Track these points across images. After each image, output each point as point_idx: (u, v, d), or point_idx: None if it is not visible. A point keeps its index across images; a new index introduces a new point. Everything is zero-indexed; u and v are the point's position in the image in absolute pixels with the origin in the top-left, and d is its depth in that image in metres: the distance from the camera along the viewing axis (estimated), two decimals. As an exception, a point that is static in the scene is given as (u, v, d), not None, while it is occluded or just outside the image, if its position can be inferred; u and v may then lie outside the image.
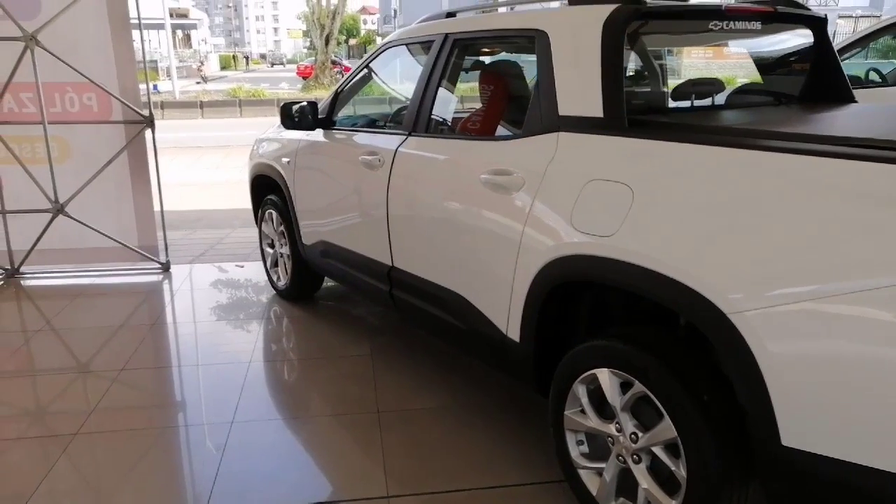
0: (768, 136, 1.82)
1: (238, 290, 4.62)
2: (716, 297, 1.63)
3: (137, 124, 4.56)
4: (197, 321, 4.07)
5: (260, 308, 4.25)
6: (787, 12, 2.53)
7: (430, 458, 2.58)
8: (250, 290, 4.58)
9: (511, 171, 2.27)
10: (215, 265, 5.16)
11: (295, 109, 3.46)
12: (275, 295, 4.41)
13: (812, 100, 2.74)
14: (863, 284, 1.42)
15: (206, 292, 4.59)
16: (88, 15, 4.29)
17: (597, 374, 2.02)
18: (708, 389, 1.80)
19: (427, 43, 2.87)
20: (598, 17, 2.11)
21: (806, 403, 1.53)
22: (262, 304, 4.30)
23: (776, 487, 1.66)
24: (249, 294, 4.52)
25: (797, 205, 1.56)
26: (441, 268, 2.69)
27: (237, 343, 3.77)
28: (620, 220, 1.87)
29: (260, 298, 4.40)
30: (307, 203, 3.64)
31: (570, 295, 2.20)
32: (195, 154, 11.61)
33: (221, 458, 2.59)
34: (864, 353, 1.44)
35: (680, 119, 2.30)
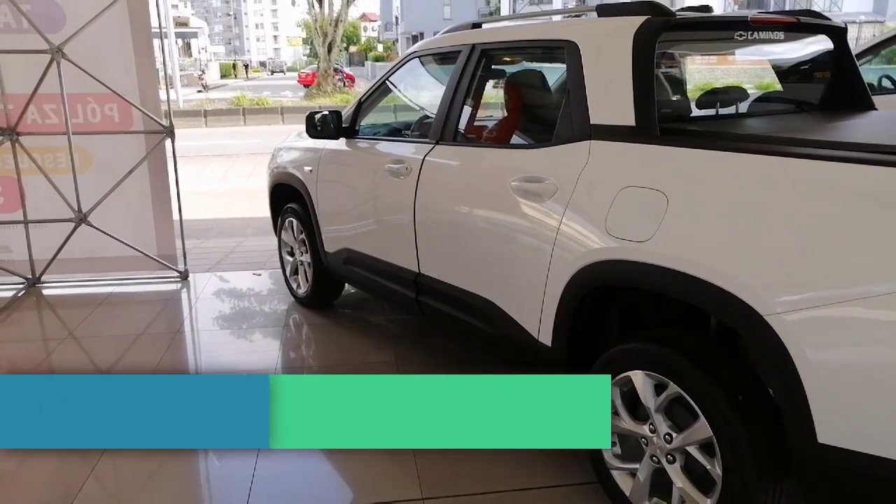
0: (798, 144, 1.88)
1: (257, 298, 4.67)
2: (753, 300, 1.68)
3: (157, 134, 4.62)
4: (218, 329, 4.12)
5: (280, 316, 4.30)
6: (809, 23, 2.59)
7: (462, 461, 2.62)
8: (269, 298, 4.63)
9: (543, 178, 2.33)
10: (232, 273, 5.21)
11: (318, 118, 3.52)
12: (294, 302, 4.45)
13: (833, 107, 2.80)
14: (891, 286, 1.48)
15: (225, 300, 4.64)
16: (112, 26, 4.35)
17: (631, 377, 2.07)
18: (742, 389, 1.86)
19: (453, 53, 2.93)
20: (629, 28, 2.17)
21: (842, 401, 1.59)
22: (281, 312, 4.35)
23: (812, 484, 1.71)
24: (268, 302, 4.57)
25: (829, 209, 1.62)
26: (470, 274, 2.74)
27: (260, 351, 3.82)
28: (656, 225, 1.92)
29: (279, 306, 4.45)
30: (330, 211, 3.69)
31: (601, 299, 2.25)
32: (202, 163, 11.67)
33: (256, 463, 2.63)
34: (894, 350, 1.49)
35: (707, 127, 2.36)
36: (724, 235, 1.78)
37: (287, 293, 4.54)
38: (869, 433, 1.55)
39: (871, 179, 1.59)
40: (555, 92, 2.97)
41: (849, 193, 1.61)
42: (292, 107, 20.65)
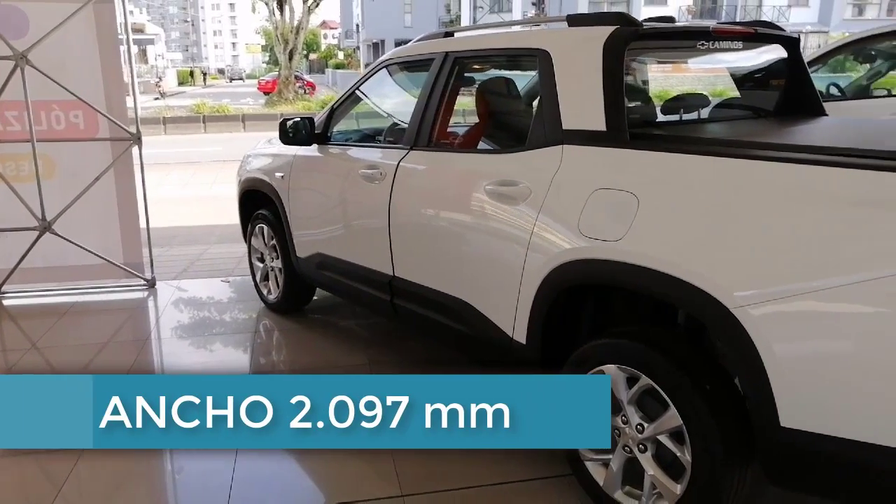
0: (759, 147, 2.00)
1: (226, 305, 4.66)
2: (721, 295, 1.78)
3: (124, 141, 4.58)
4: (188, 336, 4.10)
5: (250, 322, 4.30)
6: (766, 33, 2.74)
7: (439, 459, 2.66)
8: (238, 305, 4.62)
9: (517, 181, 2.41)
10: (200, 281, 5.18)
11: (290, 125, 3.55)
12: (264, 308, 4.45)
13: (787, 113, 2.95)
14: (846, 279, 1.60)
15: (193, 308, 4.61)
16: (77, 32, 4.31)
17: (604, 370, 2.15)
18: (709, 379, 1.96)
19: (427, 61, 3.00)
20: (600, 37, 2.27)
21: (802, 387, 1.70)
22: (251, 318, 4.35)
23: (775, 465, 1.83)
24: (238, 308, 4.56)
25: (788, 208, 1.74)
26: (445, 276, 2.80)
27: (231, 357, 3.82)
28: (627, 225, 2.02)
29: (249, 312, 4.44)
30: (303, 216, 3.72)
31: (574, 298, 2.34)
32: (162, 171, 11.50)
33: (235, 462, 2.64)
34: (851, 340, 1.62)
35: (673, 131, 2.47)
36: (693, 234, 1.89)
37: (257, 299, 4.53)
38: (826, 416, 1.67)
39: (826, 180, 1.71)
40: (526, 98, 3.07)
41: (805, 193, 1.73)
42: (253, 114, 20.47)
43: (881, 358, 1.59)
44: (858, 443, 1.60)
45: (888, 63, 6.15)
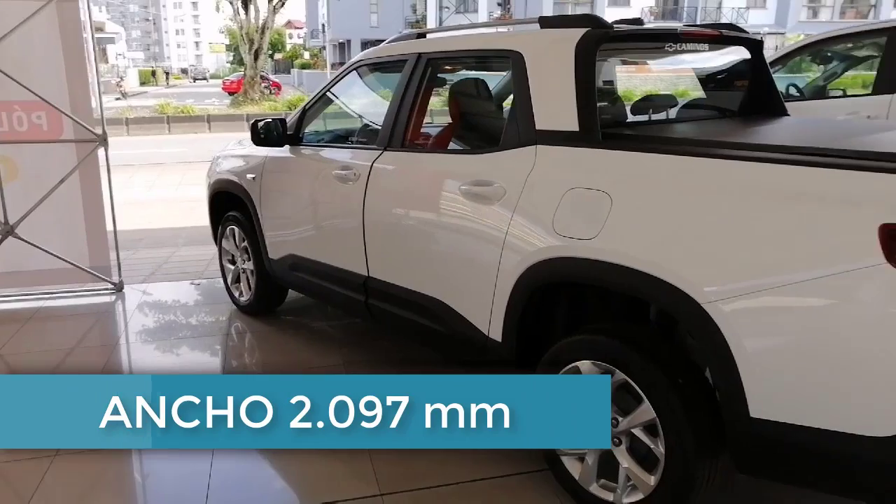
0: (727, 146, 2.06)
1: (196, 308, 4.60)
2: (692, 291, 1.84)
3: (90, 143, 4.50)
4: (158, 340, 4.05)
5: (222, 325, 4.26)
6: (731, 35, 2.82)
7: (416, 456, 2.67)
8: (209, 308, 4.56)
9: (492, 181, 2.44)
10: (169, 284, 5.10)
11: (261, 126, 3.52)
12: (235, 311, 4.41)
13: (751, 113, 3.03)
14: (809, 275, 1.67)
15: (163, 311, 4.55)
16: (40, 31, 4.22)
17: (579, 367, 2.19)
18: (681, 373, 2.02)
19: (400, 62, 3.02)
20: (571, 39, 2.32)
21: (770, 379, 1.76)
22: (223, 321, 4.31)
23: (744, 455, 1.89)
24: (209, 311, 4.51)
25: (754, 206, 1.79)
26: (420, 275, 2.82)
27: (203, 360, 3.78)
28: (601, 223, 2.06)
29: (220, 315, 4.40)
30: (275, 217, 3.70)
31: (549, 296, 2.38)
32: (126, 172, 11.28)
33: (211, 472, 2.62)
34: (814, 332, 1.69)
35: (644, 131, 2.53)
36: (665, 232, 1.94)
37: (228, 302, 4.48)
38: (793, 406, 1.73)
39: (790, 179, 1.78)
40: (497, 99, 3.10)
41: (770, 191, 1.79)
42: (219, 115, 20.20)
43: (841, 349, 1.66)
44: (823, 430, 1.67)
45: (843, 64, 6.36)
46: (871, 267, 1.57)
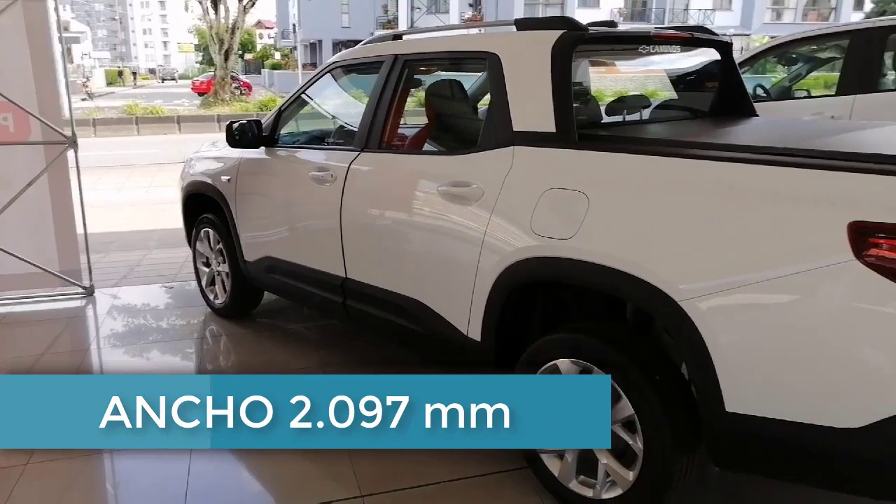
0: (701, 147, 2.10)
1: (170, 312, 4.55)
2: (669, 289, 1.87)
3: (59, 145, 4.42)
4: (131, 345, 3.98)
5: (196, 328, 4.22)
6: (702, 38, 2.87)
7: (394, 458, 2.68)
8: (183, 311, 4.51)
9: (470, 182, 2.45)
10: (141, 287, 5.03)
11: (236, 127, 3.50)
12: (210, 314, 4.36)
13: (721, 114, 3.09)
14: (780, 272, 1.71)
15: (136, 315, 4.48)
16: (6, 31, 4.13)
17: (558, 365, 2.22)
18: (658, 370, 2.06)
19: (376, 63, 3.02)
20: (548, 41, 2.34)
21: (745, 374, 1.81)
22: (197, 324, 4.27)
23: (720, 448, 1.94)
24: (183, 315, 4.46)
25: (727, 205, 1.84)
26: (399, 276, 2.83)
27: (178, 364, 3.74)
28: (579, 223, 2.09)
29: (195, 318, 4.35)
30: (251, 219, 3.68)
31: (527, 295, 2.40)
32: (94, 174, 11.07)
33: (190, 464, 2.59)
34: (785, 328, 1.73)
35: (619, 132, 2.57)
36: (642, 231, 1.97)
37: (202, 305, 4.44)
38: (767, 400, 1.78)
39: (764, 178, 1.82)
40: (472, 100, 3.12)
41: (742, 191, 1.83)
42: (189, 116, 19.95)
43: (813, 344, 1.70)
44: (797, 423, 1.72)
45: (807, 66, 6.51)
46: (841, 264, 1.62)
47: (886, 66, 5.21)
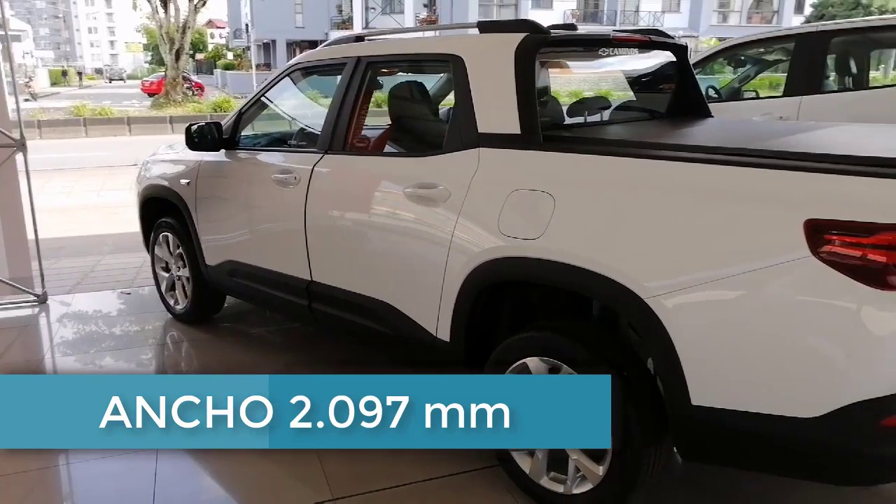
0: (664, 148, 2.16)
1: (128, 318, 4.44)
2: (635, 286, 1.92)
3: (6, 148, 4.28)
4: (89, 354, 3.87)
5: (156, 334, 4.13)
6: (658, 40, 2.94)
7: (364, 459, 2.68)
8: (143, 317, 4.41)
9: (436, 184, 2.47)
10: (97, 294, 4.90)
11: (194, 130, 3.44)
12: (171, 320, 4.28)
13: (677, 115, 3.17)
14: (739, 269, 1.78)
15: (92, 323, 4.37)
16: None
17: (527, 363, 2.25)
18: (626, 366, 2.11)
19: (338, 65, 3.01)
20: (511, 43, 2.37)
21: (710, 367, 1.87)
22: (157, 330, 4.18)
23: (686, 440, 2.00)
24: (142, 321, 4.35)
25: (692, 204, 1.89)
26: (366, 278, 2.82)
27: (139, 372, 3.65)
28: (545, 224, 2.12)
29: (155, 324, 4.26)
30: (212, 223, 3.62)
31: (495, 295, 2.43)
32: (42, 178, 10.72)
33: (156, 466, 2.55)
34: (745, 322, 1.80)
35: (581, 133, 2.61)
36: (608, 231, 2.02)
37: (162, 311, 4.34)
38: (732, 392, 1.84)
39: (724, 178, 1.88)
40: (435, 102, 3.13)
41: (707, 190, 1.89)
42: (140, 117, 19.45)
43: (774, 336, 1.77)
44: (761, 415, 1.78)
45: (755, 68, 6.73)
46: (798, 259, 1.69)
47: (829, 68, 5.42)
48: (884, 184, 1.65)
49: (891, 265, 1.60)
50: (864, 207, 1.64)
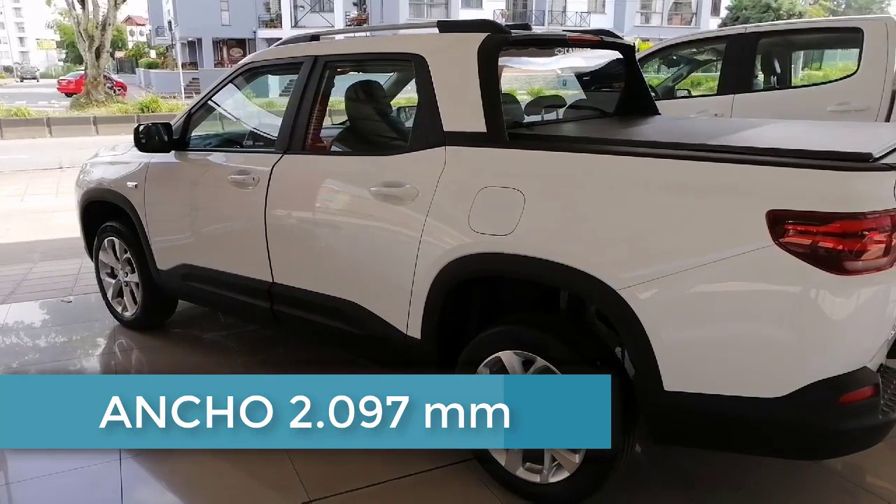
0: (627, 144, 2.25)
1: (72, 327, 4.26)
2: (608, 279, 2.00)
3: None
4: (31, 367, 3.70)
5: (103, 343, 3.99)
6: (609, 41, 3.04)
7: (337, 459, 2.66)
8: (88, 326, 4.24)
9: (403, 182, 2.49)
10: (34, 303, 4.68)
11: (142, 130, 3.34)
12: (118, 327, 4.13)
13: (627, 113, 3.28)
14: (704, 259, 1.88)
15: (32, 334, 4.18)
16: None
17: (501, 357, 2.30)
18: (597, 356, 2.18)
19: (294, 65, 2.97)
20: (473, 43, 2.41)
21: (680, 353, 1.96)
22: (104, 339, 4.04)
23: (659, 425, 2.09)
24: (87, 329, 4.19)
25: (658, 198, 1.98)
26: (331, 279, 2.81)
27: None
28: (516, 220, 2.18)
29: (101, 332, 4.11)
30: (163, 226, 3.52)
31: (465, 292, 2.47)
32: (-47, 184, 10.16)
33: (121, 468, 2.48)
34: (713, 310, 1.90)
35: (542, 131, 2.68)
36: (579, 225, 2.09)
37: (108, 318, 4.18)
38: (702, 377, 1.94)
39: (689, 172, 1.98)
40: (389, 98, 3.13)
41: (672, 184, 1.98)
42: (61, 118, 18.54)
43: (740, 322, 1.88)
44: (730, 397, 1.89)
45: (688, 67, 7.01)
46: (761, 248, 1.79)
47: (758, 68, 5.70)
48: (839, 176, 1.77)
49: (846, 251, 1.73)
50: (822, 198, 1.76)
